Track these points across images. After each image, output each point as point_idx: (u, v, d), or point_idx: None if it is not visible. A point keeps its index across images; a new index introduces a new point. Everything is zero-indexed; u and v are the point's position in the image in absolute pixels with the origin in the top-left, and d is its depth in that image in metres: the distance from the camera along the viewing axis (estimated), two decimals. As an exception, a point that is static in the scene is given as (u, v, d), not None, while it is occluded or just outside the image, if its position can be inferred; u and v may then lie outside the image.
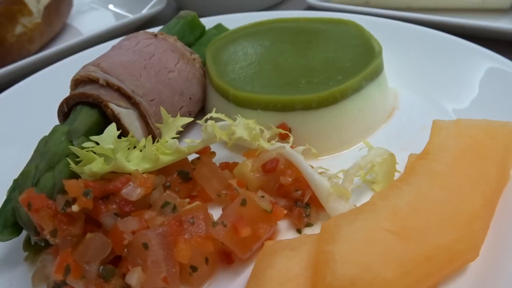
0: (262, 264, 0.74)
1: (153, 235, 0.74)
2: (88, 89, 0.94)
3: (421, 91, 1.18)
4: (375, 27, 1.27)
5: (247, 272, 0.80)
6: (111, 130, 0.85)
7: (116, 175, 0.81)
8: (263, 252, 0.76)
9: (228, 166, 0.97)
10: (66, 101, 0.96)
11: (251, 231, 0.75)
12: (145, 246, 0.73)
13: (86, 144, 0.83)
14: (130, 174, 0.82)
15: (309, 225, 0.87)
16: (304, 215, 0.86)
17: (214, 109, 0.97)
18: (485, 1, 1.55)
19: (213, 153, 0.97)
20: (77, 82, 1.01)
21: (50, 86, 1.32)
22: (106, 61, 0.99)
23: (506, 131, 0.87)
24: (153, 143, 0.89)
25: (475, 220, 0.73)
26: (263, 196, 0.82)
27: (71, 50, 1.59)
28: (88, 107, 0.93)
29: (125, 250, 0.74)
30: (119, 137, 0.85)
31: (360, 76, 1.02)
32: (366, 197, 0.91)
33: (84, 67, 1.00)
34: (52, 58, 1.56)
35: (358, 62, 1.07)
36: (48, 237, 0.73)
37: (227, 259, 0.81)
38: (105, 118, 0.94)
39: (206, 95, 1.18)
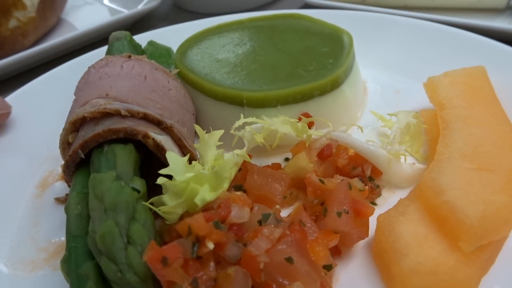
0: (390, 238, 0.75)
1: (291, 247, 0.68)
2: (109, 125, 0.79)
3: (372, 64, 1.32)
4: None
5: (357, 258, 0.81)
6: (176, 158, 0.74)
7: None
8: (381, 226, 0.78)
9: (271, 168, 0.94)
10: (81, 146, 0.79)
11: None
12: (290, 260, 0.67)
13: (159, 181, 0.71)
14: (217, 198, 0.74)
15: (380, 195, 0.91)
16: (374, 187, 0.90)
17: (242, 115, 0.93)
18: (481, 1, 1.55)
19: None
20: (77, 124, 0.83)
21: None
22: (112, 90, 0.85)
23: (482, 73, 1.06)
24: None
25: (517, 141, 0.89)
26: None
27: (66, 45, 1.61)
28: (121, 145, 0.78)
29: (262, 274, 0.67)
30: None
31: (351, 55, 1.09)
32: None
33: (87, 103, 0.83)
34: (47, 52, 1.57)
35: (333, 44, 1.15)
36: (187, 291, 0.60)
37: (337, 250, 0.80)
38: (138, 152, 0.81)
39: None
